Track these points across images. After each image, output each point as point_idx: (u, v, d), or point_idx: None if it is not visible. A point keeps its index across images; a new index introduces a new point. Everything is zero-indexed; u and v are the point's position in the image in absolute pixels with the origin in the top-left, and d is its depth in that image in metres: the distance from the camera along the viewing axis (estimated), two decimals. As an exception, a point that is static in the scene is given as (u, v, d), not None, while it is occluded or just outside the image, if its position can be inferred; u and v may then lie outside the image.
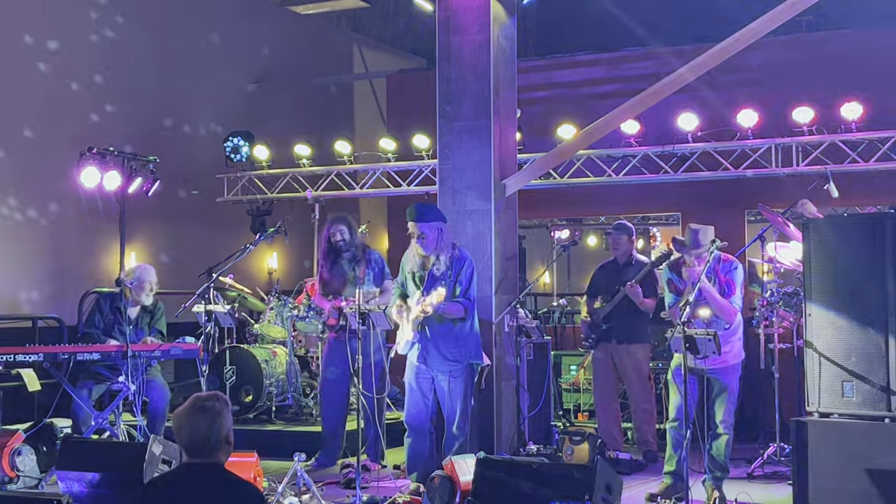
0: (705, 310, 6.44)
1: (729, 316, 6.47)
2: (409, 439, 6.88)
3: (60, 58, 10.34)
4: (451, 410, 6.70)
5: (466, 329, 6.72)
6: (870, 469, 5.76)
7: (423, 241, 6.65)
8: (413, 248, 6.75)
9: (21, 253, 10.03)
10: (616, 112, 7.87)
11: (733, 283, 6.52)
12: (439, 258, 6.66)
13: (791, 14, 7.02)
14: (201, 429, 3.73)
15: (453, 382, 6.67)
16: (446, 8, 7.97)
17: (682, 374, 6.14)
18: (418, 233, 6.65)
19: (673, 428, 6.67)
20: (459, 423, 6.70)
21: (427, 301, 6.46)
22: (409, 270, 6.82)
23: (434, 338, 6.65)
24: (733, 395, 6.57)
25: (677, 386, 6.56)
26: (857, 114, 9.00)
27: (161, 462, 6.20)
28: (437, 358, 6.66)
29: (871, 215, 6.89)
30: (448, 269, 6.64)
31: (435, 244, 6.66)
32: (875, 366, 5.89)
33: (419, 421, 6.80)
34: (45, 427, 7.59)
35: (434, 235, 6.65)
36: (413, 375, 6.80)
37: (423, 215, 6.67)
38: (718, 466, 6.57)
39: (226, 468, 3.77)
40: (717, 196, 11.05)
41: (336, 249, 7.80)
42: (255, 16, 12.93)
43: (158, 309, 7.97)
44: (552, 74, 12.61)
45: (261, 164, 11.41)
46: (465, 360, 6.71)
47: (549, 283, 13.67)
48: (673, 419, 6.67)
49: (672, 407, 6.70)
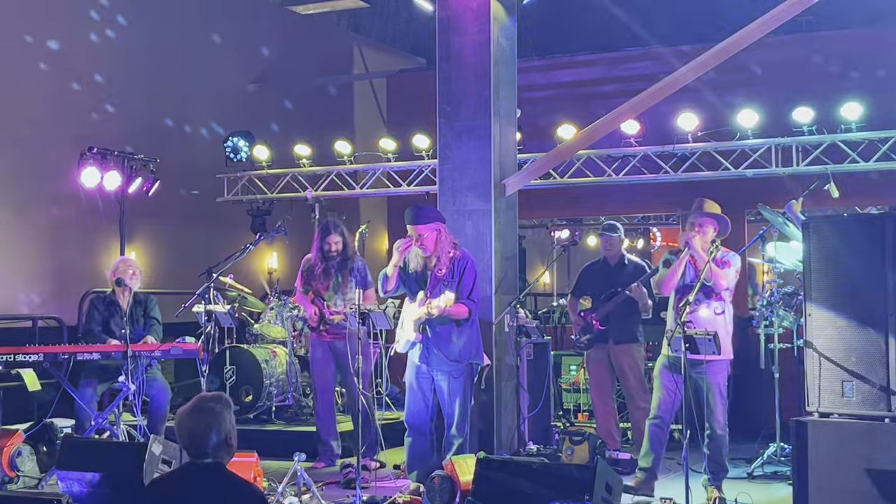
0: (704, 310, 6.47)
1: (719, 281, 6.49)
2: (409, 438, 6.88)
3: (61, 57, 10.33)
4: (450, 411, 6.70)
5: (468, 329, 6.71)
6: (870, 469, 5.75)
7: (421, 242, 6.64)
8: (414, 249, 6.75)
9: (21, 253, 10.03)
10: (616, 112, 7.87)
11: (729, 262, 6.60)
12: (440, 259, 6.66)
13: (791, 14, 7.02)
14: (200, 430, 3.73)
15: (453, 383, 6.67)
16: (446, 8, 7.97)
17: (683, 374, 6.15)
18: (418, 234, 6.64)
19: (653, 424, 6.69)
20: (459, 423, 6.70)
21: (434, 304, 6.44)
22: (410, 270, 6.81)
23: (436, 338, 6.65)
24: (723, 394, 6.52)
25: (662, 381, 6.59)
26: (857, 114, 9.00)
27: (161, 462, 6.20)
28: (438, 358, 6.66)
29: (871, 215, 6.88)
30: (450, 271, 6.64)
31: (434, 245, 6.65)
32: (875, 366, 5.89)
33: (419, 420, 6.80)
34: (45, 427, 7.60)
35: (433, 237, 6.65)
36: (413, 375, 6.80)
37: (420, 217, 6.68)
38: (717, 466, 6.58)
39: (227, 468, 3.77)
40: (717, 196, 10.97)
41: (327, 258, 7.95)
42: (255, 16, 12.93)
43: (151, 300, 8.01)
44: (552, 74, 12.61)
45: (261, 164, 11.41)
46: (466, 360, 6.71)
47: (549, 283, 13.69)
48: (654, 416, 6.69)
49: (654, 403, 6.71)
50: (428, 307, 6.48)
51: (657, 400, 6.68)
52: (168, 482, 3.87)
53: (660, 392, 6.65)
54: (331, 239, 7.93)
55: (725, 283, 6.56)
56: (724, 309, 6.60)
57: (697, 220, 6.66)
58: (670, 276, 6.60)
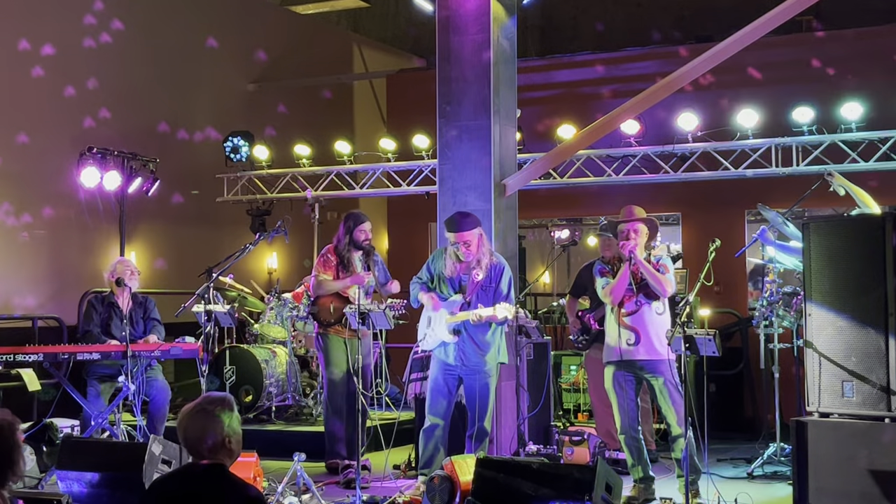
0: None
1: (663, 288, 6.52)
2: (427, 431, 6.82)
3: (59, 59, 10.29)
4: (481, 407, 6.73)
5: (499, 332, 6.80)
6: (870, 469, 5.76)
7: (467, 248, 6.64)
8: (450, 254, 6.73)
9: (21, 253, 10.03)
10: (616, 112, 7.87)
11: (666, 266, 6.63)
12: (480, 263, 6.67)
13: (791, 14, 7.02)
14: (196, 431, 3.74)
15: (486, 380, 6.73)
16: (446, 8, 7.97)
17: (683, 374, 6.15)
18: (464, 241, 6.64)
19: (624, 437, 6.70)
20: (488, 419, 6.76)
21: (480, 313, 6.50)
22: (443, 273, 6.79)
23: (471, 339, 6.70)
24: (676, 391, 6.44)
25: (615, 391, 6.65)
26: (857, 114, 9.00)
27: (161, 462, 6.21)
28: (474, 359, 6.70)
29: (871, 215, 6.88)
30: (488, 277, 6.67)
31: (477, 250, 6.68)
32: (875, 366, 5.89)
33: (442, 414, 6.80)
34: (45, 427, 7.59)
35: (477, 242, 6.68)
36: (440, 371, 6.80)
37: (465, 224, 6.68)
38: (688, 468, 6.46)
39: (227, 470, 3.77)
40: (717, 196, 11.06)
41: (360, 247, 7.60)
42: (254, 16, 12.93)
43: (150, 301, 8.01)
44: (552, 74, 12.62)
45: (261, 164, 11.41)
46: (496, 360, 6.80)
47: (549, 283, 13.69)
48: (621, 430, 6.70)
49: (616, 417, 6.72)
50: (474, 315, 6.53)
51: (617, 413, 6.70)
52: (168, 482, 3.87)
53: (616, 403, 6.68)
54: (365, 226, 7.62)
55: (671, 288, 6.59)
56: (664, 309, 6.63)
57: (632, 227, 6.64)
58: (620, 287, 6.59)
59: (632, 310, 6.57)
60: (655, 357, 6.50)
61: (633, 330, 6.55)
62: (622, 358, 6.58)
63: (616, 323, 6.63)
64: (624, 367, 6.61)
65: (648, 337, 6.51)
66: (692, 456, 6.40)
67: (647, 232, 6.69)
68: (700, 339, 6.09)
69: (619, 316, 6.61)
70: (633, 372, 6.60)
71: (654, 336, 6.48)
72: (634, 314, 6.57)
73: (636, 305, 6.57)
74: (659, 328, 6.49)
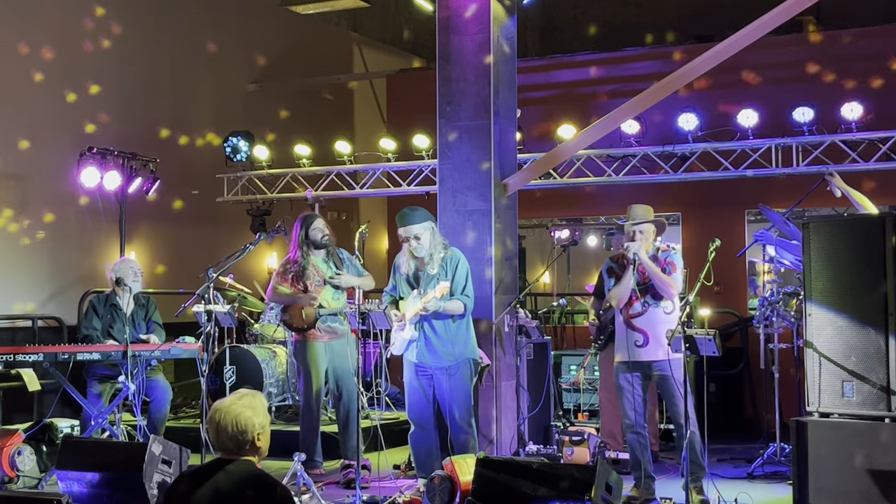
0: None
1: (669, 290, 6.55)
2: (414, 435, 6.85)
3: (59, 61, 10.27)
4: (451, 407, 6.68)
5: (463, 326, 6.75)
6: (870, 469, 5.76)
7: (418, 242, 6.65)
8: (406, 252, 6.75)
9: (21, 253, 10.02)
10: (616, 112, 7.86)
11: (673, 263, 6.63)
12: (433, 257, 6.67)
13: (791, 14, 7.02)
14: (225, 427, 3.75)
15: (453, 379, 6.67)
16: (446, 8, 7.97)
17: (682, 374, 6.15)
18: (413, 235, 6.65)
19: (629, 432, 6.73)
20: (465, 417, 6.67)
21: (430, 294, 6.47)
22: (402, 274, 6.81)
23: (432, 336, 6.66)
24: (688, 390, 6.47)
25: (622, 386, 6.66)
26: (857, 114, 8.99)
27: (161, 462, 6.21)
28: (436, 356, 6.66)
29: (871, 215, 6.88)
30: (443, 269, 6.65)
31: (429, 244, 6.67)
32: (875, 366, 5.89)
33: (423, 416, 6.79)
34: (45, 427, 7.59)
35: (428, 235, 6.67)
36: (412, 373, 6.79)
37: (414, 217, 6.68)
38: (694, 466, 6.48)
39: (255, 466, 3.76)
40: (717, 196, 11.06)
41: (320, 246, 7.52)
42: (254, 16, 12.93)
43: (151, 303, 8.01)
44: (552, 74, 12.62)
45: (261, 164, 11.41)
46: (463, 357, 6.72)
47: (549, 283, 13.66)
48: (626, 425, 6.73)
49: (623, 412, 6.74)
50: (425, 299, 6.50)
51: (624, 408, 6.71)
52: (195, 476, 3.80)
53: (623, 399, 6.70)
54: (318, 223, 7.53)
55: (676, 290, 6.61)
56: (673, 307, 6.63)
57: (638, 228, 6.64)
58: (624, 290, 6.62)
59: (639, 311, 6.59)
60: (664, 357, 6.51)
61: (641, 331, 6.57)
62: (630, 359, 6.62)
63: (624, 324, 6.66)
64: (632, 367, 6.63)
65: (657, 337, 6.51)
66: (697, 454, 6.43)
67: (654, 230, 6.70)
68: (700, 339, 6.09)
69: (627, 317, 6.63)
70: (642, 371, 6.63)
71: (663, 336, 6.46)
72: (642, 315, 6.59)
73: (643, 307, 6.60)
74: (667, 328, 6.45)
